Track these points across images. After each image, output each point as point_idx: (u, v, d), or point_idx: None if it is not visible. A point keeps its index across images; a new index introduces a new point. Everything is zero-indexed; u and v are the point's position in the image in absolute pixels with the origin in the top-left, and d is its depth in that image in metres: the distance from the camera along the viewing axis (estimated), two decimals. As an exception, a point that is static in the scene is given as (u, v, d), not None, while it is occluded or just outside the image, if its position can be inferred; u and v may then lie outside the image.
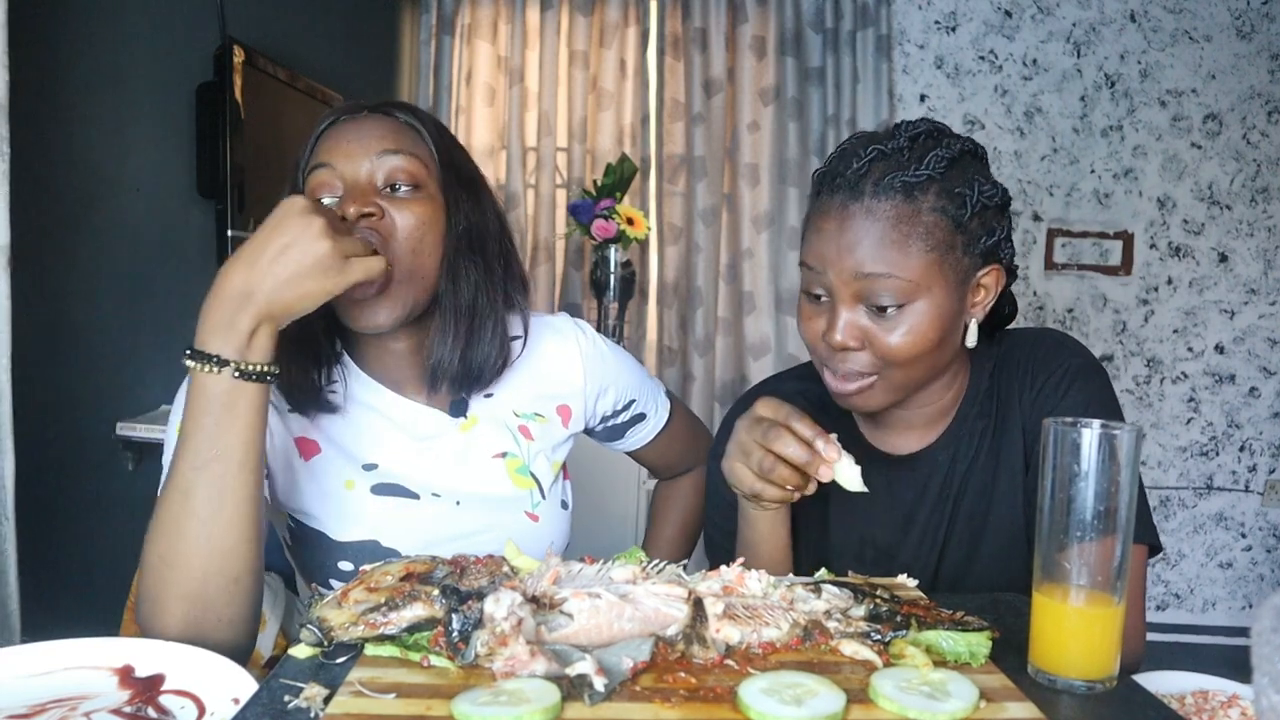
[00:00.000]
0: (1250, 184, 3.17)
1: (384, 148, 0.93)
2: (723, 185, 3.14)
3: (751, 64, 3.08)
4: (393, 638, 0.67)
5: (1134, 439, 0.67)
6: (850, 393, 0.92)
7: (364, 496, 0.98)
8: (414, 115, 0.98)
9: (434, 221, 0.95)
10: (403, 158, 0.93)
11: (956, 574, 1.00)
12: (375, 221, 0.91)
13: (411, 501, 0.99)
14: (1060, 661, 0.68)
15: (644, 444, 1.22)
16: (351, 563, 0.97)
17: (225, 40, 1.97)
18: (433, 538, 0.99)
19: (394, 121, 0.96)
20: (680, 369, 3.14)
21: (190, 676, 0.71)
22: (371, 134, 0.94)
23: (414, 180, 0.94)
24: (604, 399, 1.14)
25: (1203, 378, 3.23)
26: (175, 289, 1.97)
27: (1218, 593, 3.28)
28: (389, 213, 0.92)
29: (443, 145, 0.99)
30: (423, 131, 0.98)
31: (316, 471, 0.98)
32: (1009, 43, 3.15)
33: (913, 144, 0.89)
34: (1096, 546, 0.67)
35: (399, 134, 0.95)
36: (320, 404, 0.98)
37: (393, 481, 0.99)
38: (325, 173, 0.93)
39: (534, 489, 1.05)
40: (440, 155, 0.98)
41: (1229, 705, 0.73)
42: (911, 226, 0.86)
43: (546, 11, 3.08)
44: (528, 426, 1.07)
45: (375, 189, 0.93)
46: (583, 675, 0.61)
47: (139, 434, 1.77)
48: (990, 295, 0.94)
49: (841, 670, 0.67)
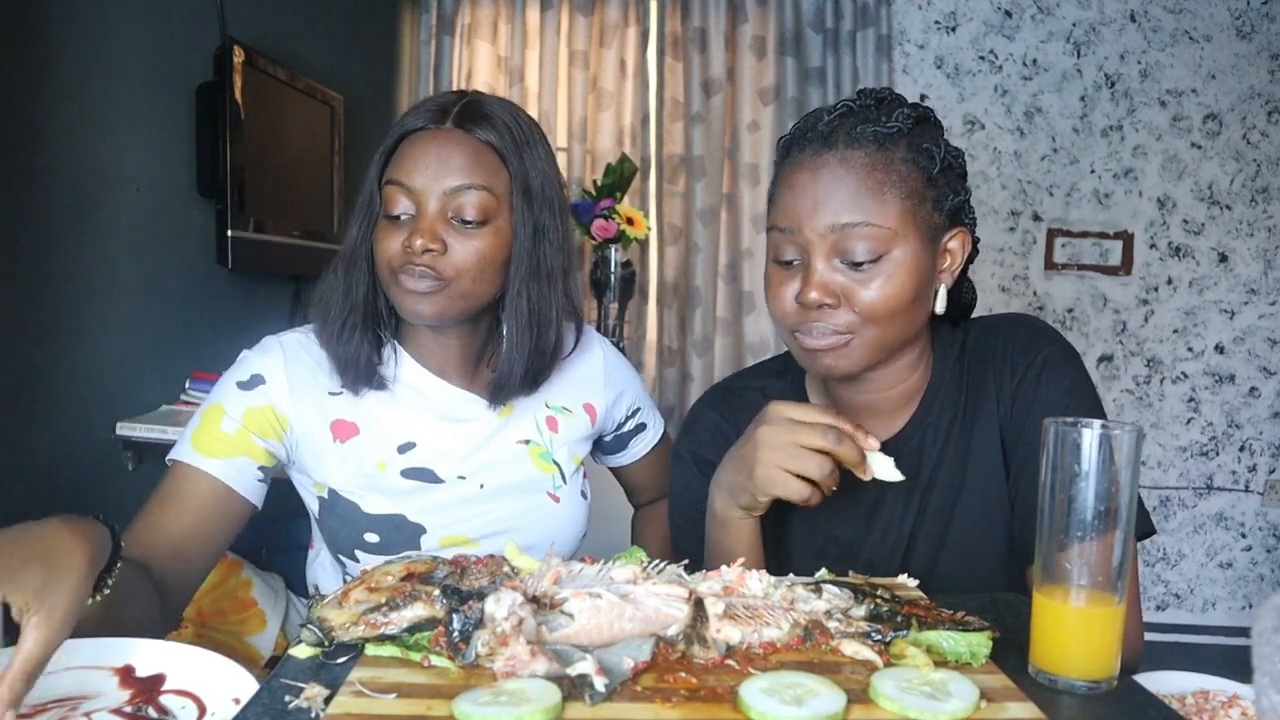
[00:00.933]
0: (1250, 184, 3.17)
1: (459, 182, 0.96)
2: (722, 185, 3.14)
3: (751, 64, 3.08)
4: (393, 638, 0.67)
5: (1134, 439, 0.67)
6: (825, 348, 0.88)
7: (393, 479, 1.03)
8: (495, 130, 0.99)
9: (497, 252, 0.99)
10: (475, 193, 0.96)
11: (923, 569, 0.95)
12: (436, 258, 0.95)
13: (437, 486, 1.04)
14: (1061, 661, 0.68)
15: (640, 457, 1.27)
16: (378, 535, 1.01)
17: (225, 40, 1.97)
18: (457, 516, 1.04)
19: (473, 143, 0.97)
20: (680, 369, 3.14)
21: (191, 676, 0.71)
22: (449, 160, 0.96)
23: (483, 215, 0.97)
24: (619, 405, 1.21)
25: (1203, 378, 3.23)
26: (175, 289, 1.97)
27: (1218, 593, 3.28)
28: (452, 247, 0.96)
29: (521, 168, 1.00)
30: (503, 153, 0.99)
31: (352, 452, 1.02)
32: (1009, 43, 3.15)
33: (878, 104, 0.92)
34: (1097, 546, 0.67)
35: (476, 161, 0.97)
36: (373, 381, 1.03)
37: (422, 465, 1.04)
38: (400, 192, 0.97)
39: (555, 473, 1.11)
40: (516, 180, 0.99)
41: (1229, 705, 0.73)
42: (885, 174, 0.86)
43: (546, 11, 3.08)
44: (555, 419, 1.13)
45: (445, 218, 0.96)
46: (583, 675, 0.61)
47: (139, 434, 1.77)
48: (957, 261, 0.94)
49: (842, 670, 0.67)
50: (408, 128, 0.99)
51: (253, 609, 1.20)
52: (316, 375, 1.02)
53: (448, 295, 0.97)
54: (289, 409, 1.00)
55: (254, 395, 0.99)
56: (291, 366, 1.01)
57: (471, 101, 1.01)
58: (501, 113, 1.01)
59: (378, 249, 0.99)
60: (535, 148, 1.02)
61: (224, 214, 1.98)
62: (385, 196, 0.98)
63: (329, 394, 1.03)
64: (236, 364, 1.03)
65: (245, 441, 0.98)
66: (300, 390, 1.01)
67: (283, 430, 1.00)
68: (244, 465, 0.97)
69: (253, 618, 1.20)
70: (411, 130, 0.99)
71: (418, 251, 0.94)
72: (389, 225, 0.98)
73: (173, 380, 1.94)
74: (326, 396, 1.02)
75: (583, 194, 2.90)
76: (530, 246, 1.01)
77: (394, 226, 0.97)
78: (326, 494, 1.02)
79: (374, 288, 1.02)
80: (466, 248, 0.96)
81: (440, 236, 0.95)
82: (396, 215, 0.97)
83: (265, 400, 0.99)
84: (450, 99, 1.01)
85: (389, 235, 0.97)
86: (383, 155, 1.00)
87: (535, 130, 1.04)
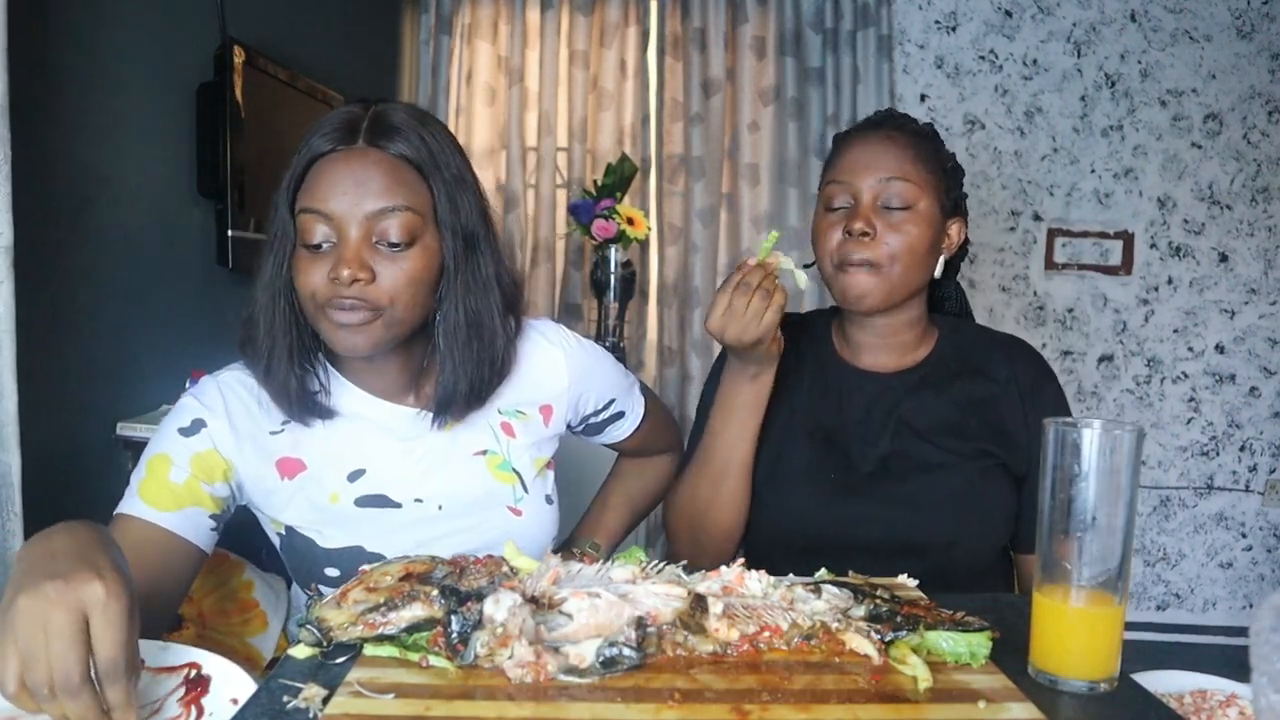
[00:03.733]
0: (1250, 184, 3.17)
1: (381, 204, 0.91)
2: (722, 185, 3.13)
3: (751, 64, 3.08)
4: (392, 638, 0.67)
5: (1134, 439, 0.67)
6: (860, 279, 1.13)
7: (348, 509, 0.99)
8: (408, 142, 0.94)
9: (427, 271, 0.94)
10: (399, 214, 0.91)
11: (892, 485, 1.14)
12: (364, 288, 0.90)
13: (394, 511, 1.01)
14: (1061, 662, 0.68)
15: (620, 439, 1.25)
16: (338, 568, 0.98)
17: (225, 40, 1.97)
18: (416, 541, 1.00)
19: (389, 161, 0.92)
20: (679, 369, 3.14)
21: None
22: (368, 183, 0.91)
23: (409, 236, 0.92)
24: (585, 401, 1.16)
25: (1203, 377, 3.23)
26: (175, 289, 1.97)
27: (1218, 592, 3.28)
28: (380, 273, 0.91)
29: (439, 177, 0.95)
30: (421, 166, 0.94)
31: (301, 488, 0.99)
32: (1009, 43, 3.15)
33: (906, 117, 1.22)
34: (1097, 546, 0.67)
35: (396, 179, 0.92)
36: (316, 410, 0.99)
37: (376, 492, 1.00)
38: (317, 220, 0.91)
39: (515, 484, 1.06)
40: (440, 192, 0.95)
41: (1227, 704, 0.73)
42: (917, 152, 1.15)
43: (546, 11, 3.08)
44: (510, 424, 1.08)
45: (369, 243, 0.91)
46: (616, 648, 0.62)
47: (139, 434, 1.76)
48: (954, 243, 1.21)
49: (844, 670, 0.67)
50: (316, 150, 0.93)
51: (254, 610, 1.20)
52: (255, 415, 0.99)
53: (382, 324, 0.92)
54: (233, 452, 0.97)
55: (198, 440, 0.96)
56: (232, 407, 0.98)
57: (378, 115, 0.95)
58: (410, 121, 0.95)
59: (299, 282, 0.93)
60: (448, 153, 0.97)
61: (224, 214, 1.98)
62: (301, 226, 0.92)
63: (270, 433, 0.99)
64: (176, 409, 0.99)
65: (194, 491, 0.94)
66: (241, 432, 0.98)
67: (229, 471, 0.97)
68: (196, 516, 0.94)
69: (254, 619, 1.20)
70: (321, 153, 0.93)
71: (345, 282, 0.89)
72: (309, 256, 0.92)
73: (173, 380, 1.93)
74: (268, 436, 0.99)
75: (583, 194, 2.90)
76: (464, 258, 0.97)
77: (314, 257, 0.92)
78: (284, 530, 1.00)
79: (297, 320, 0.97)
80: (395, 272, 0.91)
81: (367, 264, 0.90)
82: (317, 244, 0.91)
83: (209, 444, 0.96)
84: (355, 114, 0.95)
85: (310, 267, 0.92)
86: (293, 181, 0.94)
87: (438, 126, 0.99)
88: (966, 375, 1.19)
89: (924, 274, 1.17)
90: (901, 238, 1.12)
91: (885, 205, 1.13)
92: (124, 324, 1.83)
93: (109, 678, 0.61)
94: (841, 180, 1.16)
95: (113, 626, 0.61)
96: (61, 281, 1.66)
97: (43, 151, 1.60)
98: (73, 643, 0.59)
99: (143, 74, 1.85)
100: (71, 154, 1.67)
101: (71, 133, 1.67)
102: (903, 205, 1.13)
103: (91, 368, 1.74)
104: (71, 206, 1.68)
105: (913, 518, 1.12)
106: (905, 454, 1.15)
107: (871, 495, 1.13)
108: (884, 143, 1.16)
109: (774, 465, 1.18)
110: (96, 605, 0.61)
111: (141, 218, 1.86)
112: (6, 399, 1.13)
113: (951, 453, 1.14)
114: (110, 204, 1.77)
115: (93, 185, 1.73)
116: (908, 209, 1.13)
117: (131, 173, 1.83)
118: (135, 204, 1.84)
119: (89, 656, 0.60)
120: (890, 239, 1.12)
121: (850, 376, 1.21)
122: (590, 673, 0.65)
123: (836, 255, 1.15)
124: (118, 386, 1.82)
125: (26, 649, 0.59)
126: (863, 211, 1.13)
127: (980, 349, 1.22)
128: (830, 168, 1.20)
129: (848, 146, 1.19)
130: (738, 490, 1.15)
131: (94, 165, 1.73)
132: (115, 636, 0.61)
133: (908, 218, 1.13)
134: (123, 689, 0.61)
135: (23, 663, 0.60)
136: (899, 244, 1.12)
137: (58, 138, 1.64)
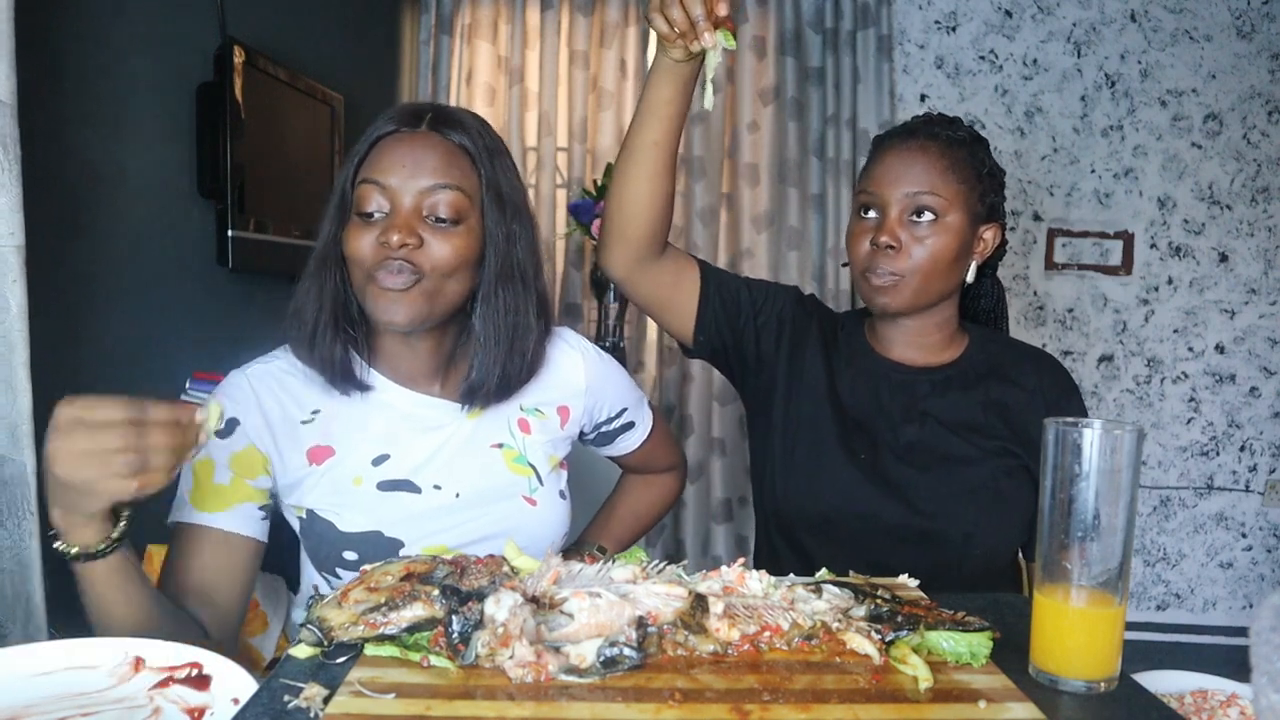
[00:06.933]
0: (1250, 184, 3.17)
1: (434, 181, 0.97)
2: (722, 185, 3.13)
3: (751, 64, 3.08)
4: (393, 638, 0.67)
5: (1134, 439, 0.67)
6: (884, 286, 1.16)
7: (370, 492, 1.02)
8: (468, 135, 1.01)
9: (470, 253, 1.00)
10: (449, 193, 0.98)
11: (915, 473, 1.16)
12: (412, 251, 0.96)
13: (414, 496, 1.04)
14: (1061, 662, 0.68)
15: (628, 451, 1.28)
16: (356, 552, 1.01)
17: (225, 40, 1.97)
18: (434, 527, 1.03)
19: (448, 145, 1.00)
20: (680, 369, 3.14)
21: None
22: (424, 160, 0.98)
23: (457, 215, 0.98)
24: (600, 407, 1.20)
25: (1203, 377, 3.23)
26: (175, 289, 1.97)
27: (1218, 593, 3.28)
28: (428, 242, 0.97)
29: (491, 173, 1.02)
30: (475, 157, 1.01)
31: (328, 471, 1.02)
32: (1009, 43, 3.15)
33: (950, 121, 1.21)
34: (1097, 546, 0.67)
35: (450, 162, 0.99)
36: (355, 382, 1.04)
37: (399, 477, 1.04)
38: (374, 190, 0.98)
39: (531, 476, 1.10)
40: (487, 183, 1.01)
41: (1228, 704, 0.73)
42: (950, 163, 1.15)
43: (546, 11, 3.08)
44: (527, 420, 1.12)
45: (420, 216, 0.98)
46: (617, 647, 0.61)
47: (139, 434, 1.76)
48: (989, 248, 1.22)
49: (845, 670, 0.67)
50: (381, 130, 1.01)
51: (255, 610, 1.20)
52: (287, 407, 1.03)
53: (421, 291, 0.97)
54: (269, 445, 1.01)
55: (234, 440, 0.99)
56: (264, 400, 1.02)
57: (443, 108, 1.04)
58: (472, 120, 1.04)
59: (350, 248, 0.99)
60: (504, 157, 1.05)
61: (224, 214, 1.98)
62: (358, 195, 0.99)
63: (301, 424, 1.03)
64: None
65: (240, 489, 0.98)
66: (276, 425, 1.01)
67: (267, 464, 1.01)
68: (246, 510, 0.99)
69: (255, 619, 1.20)
70: (385, 133, 1.01)
71: (394, 246, 0.95)
72: (361, 223, 0.98)
73: (173, 381, 1.94)
74: (299, 426, 1.03)
75: (583, 194, 2.90)
76: (504, 248, 1.03)
77: (366, 225, 0.98)
78: (305, 514, 1.02)
79: (344, 290, 1.03)
80: (441, 244, 0.97)
81: (416, 231, 0.96)
82: (370, 213, 0.98)
83: (246, 442, 1.00)
84: (423, 106, 1.03)
85: (361, 234, 0.98)
86: (356, 158, 1.01)
87: (501, 142, 1.07)
88: (994, 380, 1.21)
89: (950, 281, 1.19)
90: (926, 250, 1.14)
91: (913, 218, 1.14)
92: (124, 324, 1.83)
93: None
94: (872, 191, 1.18)
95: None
96: (61, 281, 1.66)
97: (42, 151, 1.60)
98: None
99: (143, 74, 1.85)
100: (71, 154, 1.67)
101: (71, 132, 1.67)
102: (930, 218, 1.14)
103: (92, 367, 1.75)
104: (71, 206, 1.68)
105: (933, 506, 1.14)
106: (930, 444, 1.17)
107: (895, 480, 1.15)
108: (915, 154, 1.16)
109: (806, 442, 1.21)
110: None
111: (141, 218, 1.86)
112: (21, 397, 1.15)
113: (975, 447, 1.16)
114: (110, 204, 1.77)
115: (92, 185, 1.73)
116: (935, 220, 1.14)
117: (131, 173, 1.83)
118: (135, 204, 1.84)
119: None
120: (916, 251, 1.14)
121: (881, 365, 1.24)
122: (591, 673, 0.65)
123: (864, 263, 1.18)
124: (118, 386, 1.82)
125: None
126: (889, 225, 1.15)
127: (1010, 358, 1.23)
128: (865, 175, 1.21)
129: (881, 155, 1.20)
130: (646, 166, 1.15)
131: (94, 165, 1.73)
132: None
133: (934, 230, 1.14)
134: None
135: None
136: (923, 256, 1.14)
137: (60, 138, 1.64)
